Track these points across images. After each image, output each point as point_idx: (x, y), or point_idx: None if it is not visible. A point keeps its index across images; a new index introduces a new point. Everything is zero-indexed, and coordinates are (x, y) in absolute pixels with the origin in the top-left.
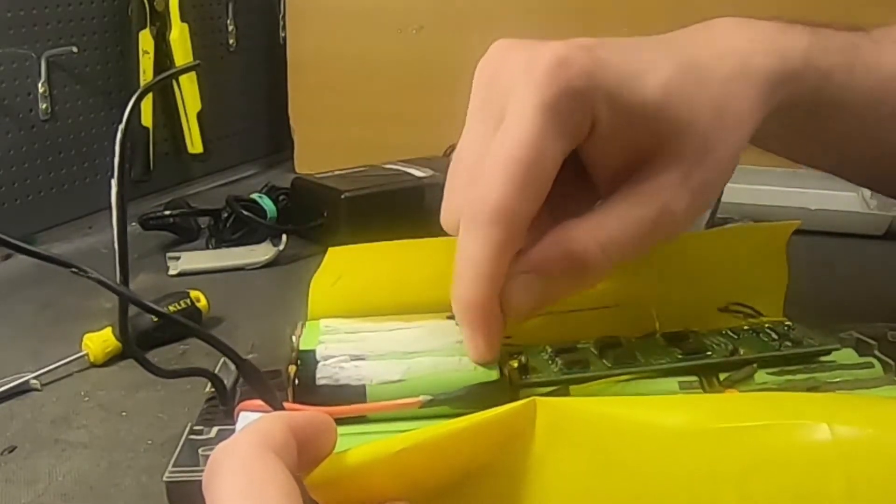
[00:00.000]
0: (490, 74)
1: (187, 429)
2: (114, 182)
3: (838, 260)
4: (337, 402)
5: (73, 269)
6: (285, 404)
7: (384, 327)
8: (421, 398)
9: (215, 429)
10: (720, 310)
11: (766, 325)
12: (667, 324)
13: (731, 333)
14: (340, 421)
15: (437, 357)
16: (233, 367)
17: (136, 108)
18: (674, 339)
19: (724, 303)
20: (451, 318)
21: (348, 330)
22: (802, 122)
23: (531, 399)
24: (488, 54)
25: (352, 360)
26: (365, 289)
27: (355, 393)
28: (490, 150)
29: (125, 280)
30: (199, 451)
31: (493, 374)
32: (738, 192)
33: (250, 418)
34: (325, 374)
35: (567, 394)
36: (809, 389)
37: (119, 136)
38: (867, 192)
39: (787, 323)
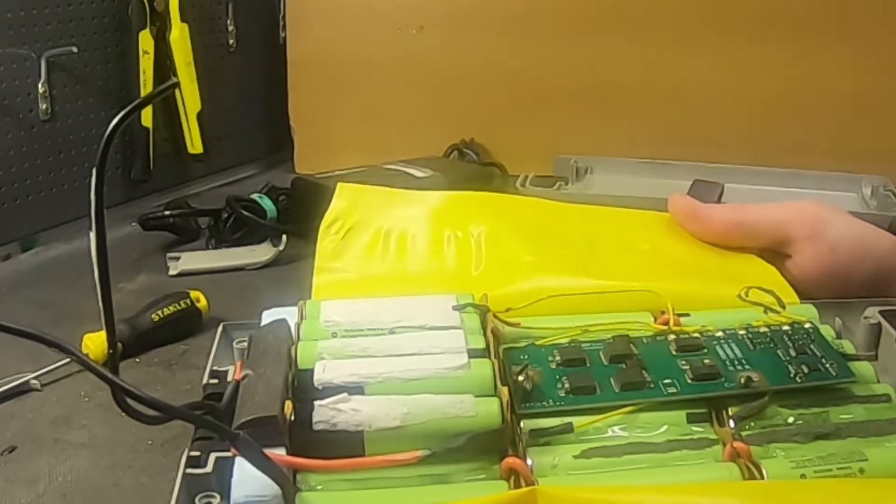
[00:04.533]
0: None
1: (184, 458)
2: (92, 235)
3: None
4: (334, 449)
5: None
6: (283, 458)
7: (385, 322)
8: (419, 453)
9: (213, 457)
10: (739, 297)
11: (785, 326)
12: (683, 309)
13: (747, 341)
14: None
15: (437, 397)
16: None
17: (114, 134)
18: (686, 348)
19: (742, 289)
20: (456, 308)
21: (348, 327)
22: None
23: (531, 489)
24: None
25: (350, 394)
26: (371, 245)
27: (353, 440)
28: None
29: (111, 331)
30: (196, 500)
31: (495, 422)
32: (738, 191)
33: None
34: (322, 417)
35: (571, 430)
36: (820, 430)
37: (96, 165)
38: (867, 192)
39: (806, 325)
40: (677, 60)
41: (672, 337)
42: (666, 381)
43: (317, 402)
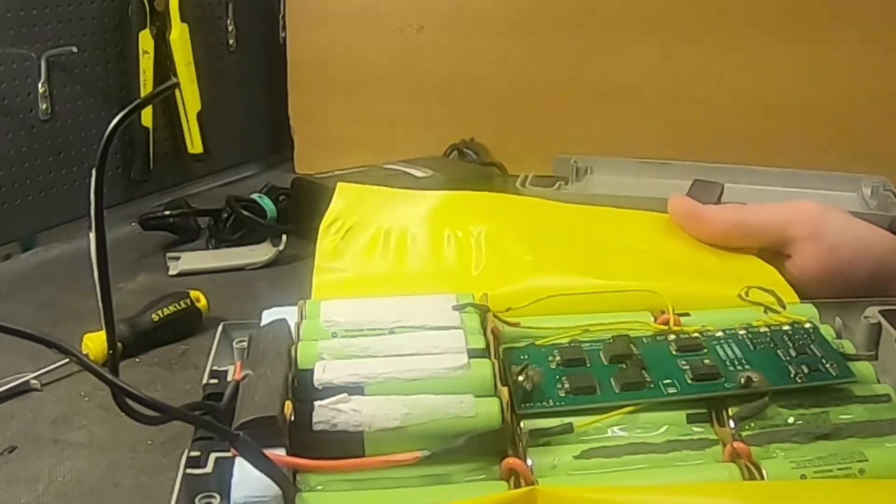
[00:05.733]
0: None
1: (184, 459)
2: (92, 235)
3: None
4: (334, 449)
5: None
6: (283, 458)
7: (385, 322)
8: (419, 454)
9: (213, 457)
10: (739, 297)
11: (786, 326)
12: (683, 308)
13: (747, 341)
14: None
15: (437, 397)
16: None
17: (114, 134)
18: (686, 348)
19: (742, 288)
20: (456, 308)
21: (348, 327)
22: None
23: (531, 489)
24: None
25: (350, 394)
26: (371, 245)
27: (353, 440)
28: None
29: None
30: (196, 500)
31: (495, 422)
32: (738, 191)
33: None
34: (322, 417)
35: (571, 430)
36: (820, 430)
37: (96, 165)
38: (867, 192)
39: (806, 325)
40: (678, 61)
41: (672, 337)
42: (666, 381)
43: (317, 403)
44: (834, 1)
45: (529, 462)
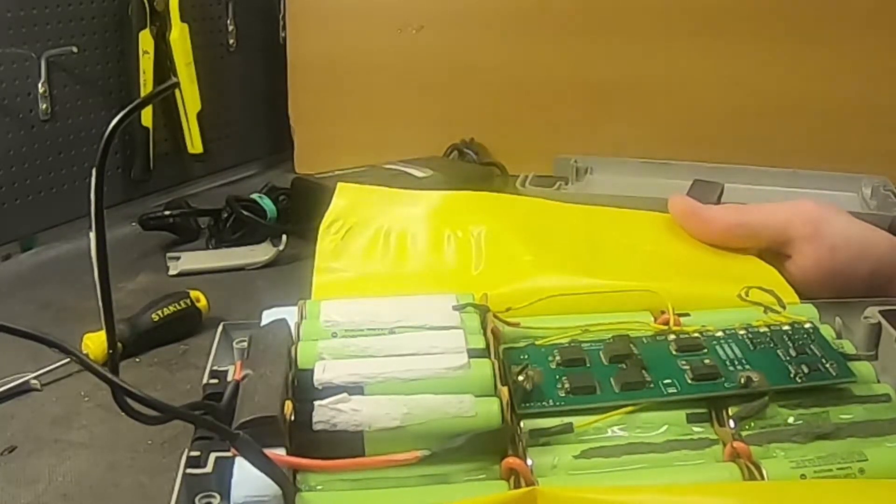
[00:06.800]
0: None
1: (184, 458)
2: (92, 235)
3: None
4: (334, 449)
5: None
6: (283, 458)
7: (385, 322)
8: (419, 453)
9: (212, 457)
10: (739, 297)
11: (786, 326)
12: (683, 308)
13: (747, 341)
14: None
15: (437, 397)
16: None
17: (114, 134)
18: (686, 348)
19: (742, 289)
20: (456, 308)
21: (348, 327)
22: None
23: (531, 489)
24: None
25: (350, 394)
26: (371, 245)
27: (353, 440)
28: None
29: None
30: (196, 500)
31: (495, 422)
32: (738, 191)
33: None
34: (322, 417)
35: (571, 430)
36: (820, 430)
37: (96, 165)
38: (867, 192)
39: (806, 325)
40: (678, 61)
41: (672, 337)
42: (666, 381)
43: (317, 403)
44: (834, 1)
45: (529, 462)
